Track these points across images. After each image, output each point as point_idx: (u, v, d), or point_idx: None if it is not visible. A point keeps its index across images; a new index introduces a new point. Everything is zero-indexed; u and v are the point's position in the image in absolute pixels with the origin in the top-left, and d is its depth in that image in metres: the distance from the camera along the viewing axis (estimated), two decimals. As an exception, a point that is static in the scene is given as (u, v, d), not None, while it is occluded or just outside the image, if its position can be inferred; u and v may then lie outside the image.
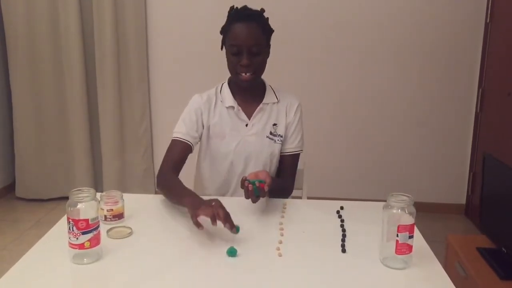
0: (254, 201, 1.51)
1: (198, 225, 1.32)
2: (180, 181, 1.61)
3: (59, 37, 3.48)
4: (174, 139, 1.75)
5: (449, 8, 3.34)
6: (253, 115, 1.78)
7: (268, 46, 1.74)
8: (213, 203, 1.35)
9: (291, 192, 1.87)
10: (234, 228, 1.33)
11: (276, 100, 1.81)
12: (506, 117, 2.97)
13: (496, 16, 3.22)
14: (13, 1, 3.40)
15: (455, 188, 3.61)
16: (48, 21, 3.44)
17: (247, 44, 1.64)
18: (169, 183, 1.63)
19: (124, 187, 3.67)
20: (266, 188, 1.48)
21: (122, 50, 3.52)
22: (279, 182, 1.79)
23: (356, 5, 3.38)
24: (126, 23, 3.48)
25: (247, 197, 1.50)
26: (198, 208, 1.34)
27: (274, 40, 1.79)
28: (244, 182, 1.49)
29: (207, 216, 1.31)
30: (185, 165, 1.75)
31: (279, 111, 1.81)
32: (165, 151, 1.75)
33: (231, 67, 1.71)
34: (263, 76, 1.81)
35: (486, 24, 3.31)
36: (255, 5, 1.72)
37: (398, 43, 3.42)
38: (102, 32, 3.45)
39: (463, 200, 3.62)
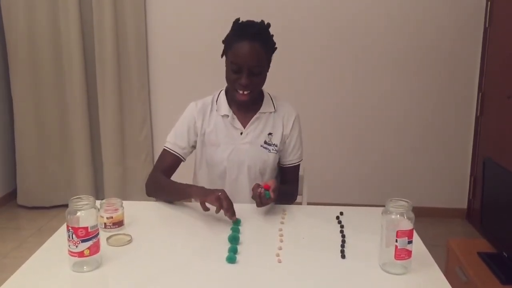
0: (259, 205, 1.56)
1: (206, 209, 1.52)
2: (173, 181, 1.73)
3: (60, 46, 3.49)
4: (164, 149, 1.81)
5: (449, 13, 3.35)
6: (249, 123, 1.78)
7: (269, 63, 1.73)
8: (219, 194, 1.47)
9: (296, 198, 1.90)
10: (235, 217, 1.48)
11: (274, 110, 1.81)
12: (506, 121, 2.97)
13: (495, 21, 3.23)
14: (13, 6, 3.42)
15: (456, 193, 3.60)
16: (48, 27, 3.45)
17: (248, 65, 1.63)
18: (162, 183, 1.73)
19: (125, 194, 3.67)
20: (272, 195, 1.54)
21: (122, 56, 3.53)
22: (286, 188, 1.82)
23: (355, 10, 3.39)
24: (126, 29, 3.49)
25: (259, 205, 1.56)
26: (207, 196, 1.50)
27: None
28: (254, 190, 1.56)
29: (213, 204, 1.48)
30: (183, 172, 1.80)
31: (275, 120, 1.81)
32: None
33: (230, 81, 1.70)
34: None
35: (485, 29, 3.32)
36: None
37: (398, 48, 3.43)
38: (102, 39, 3.46)
39: (464, 205, 3.61)
